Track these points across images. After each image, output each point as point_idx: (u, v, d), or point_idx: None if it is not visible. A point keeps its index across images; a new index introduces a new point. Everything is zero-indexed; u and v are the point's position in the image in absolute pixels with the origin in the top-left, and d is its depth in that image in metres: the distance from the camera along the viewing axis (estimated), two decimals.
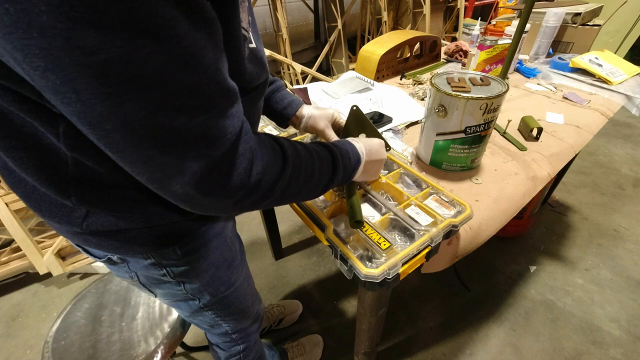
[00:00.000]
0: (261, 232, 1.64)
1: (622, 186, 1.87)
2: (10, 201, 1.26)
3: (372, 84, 1.11)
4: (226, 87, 0.32)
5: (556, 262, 1.45)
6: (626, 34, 2.62)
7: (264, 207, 0.41)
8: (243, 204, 0.37)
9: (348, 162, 0.52)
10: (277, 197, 0.40)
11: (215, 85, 0.30)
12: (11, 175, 0.39)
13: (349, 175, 0.53)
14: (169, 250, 0.48)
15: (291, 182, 0.41)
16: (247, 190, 0.36)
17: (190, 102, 0.28)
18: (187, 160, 0.30)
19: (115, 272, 0.53)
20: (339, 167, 0.49)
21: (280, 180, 0.39)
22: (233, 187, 0.34)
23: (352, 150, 0.53)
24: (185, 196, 0.33)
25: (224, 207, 0.36)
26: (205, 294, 0.59)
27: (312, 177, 0.45)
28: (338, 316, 1.27)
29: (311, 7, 3.01)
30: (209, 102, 0.30)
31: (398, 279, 0.51)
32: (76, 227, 0.41)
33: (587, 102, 1.03)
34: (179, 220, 0.46)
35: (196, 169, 0.31)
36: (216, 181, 0.33)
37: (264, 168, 0.37)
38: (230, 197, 0.35)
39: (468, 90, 0.63)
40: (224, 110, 0.32)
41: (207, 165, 0.31)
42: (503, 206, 0.67)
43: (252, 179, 0.35)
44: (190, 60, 0.27)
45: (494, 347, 1.16)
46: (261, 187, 0.37)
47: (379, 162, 0.59)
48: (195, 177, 0.31)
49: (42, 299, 1.38)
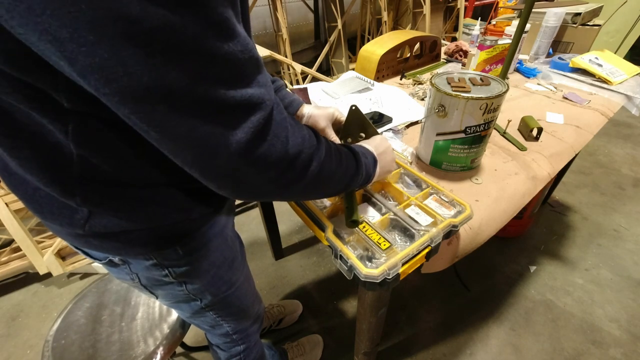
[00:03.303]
0: (261, 232, 1.64)
1: (622, 186, 1.86)
2: (10, 201, 1.26)
3: (372, 84, 1.11)
4: (256, 56, 0.33)
5: (556, 262, 1.45)
6: (626, 34, 2.62)
7: (300, 192, 0.42)
8: (283, 181, 0.37)
9: (367, 161, 0.53)
10: (312, 178, 0.40)
11: (248, 54, 0.31)
12: (12, 177, 0.38)
13: (370, 174, 0.54)
14: (170, 250, 0.48)
15: (325, 162, 0.41)
16: (288, 162, 0.36)
17: (227, 69, 0.29)
18: (231, 129, 0.31)
19: (115, 274, 0.52)
20: (361, 162, 0.50)
21: (316, 156, 0.39)
22: (276, 156, 0.34)
23: (362, 150, 0.54)
24: (231, 171, 0.33)
25: (267, 180, 0.36)
26: (207, 294, 0.58)
27: (341, 164, 0.45)
28: (338, 316, 1.27)
29: (311, 7, 3.01)
30: (244, 70, 0.31)
31: (398, 279, 0.51)
32: (78, 229, 0.40)
33: (587, 102, 1.03)
34: (181, 220, 0.46)
35: (240, 137, 0.31)
36: (260, 150, 0.33)
37: (302, 139, 0.38)
38: (273, 169, 0.35)
39: (468, 90, 0.63)
40: (257, 78, 0.32)
41: (250, 133, 0.31)
42: (503, 206, 0.67)
43: (292, 149, 0.36)
44: (224, 28, 0.28)
45: (494, 347, 1.16)
46: (300, 159, 0.37)
47: (387, 152, 0.59)
48: (239, 146, 0.31)
49: (42, 299, 1.38)
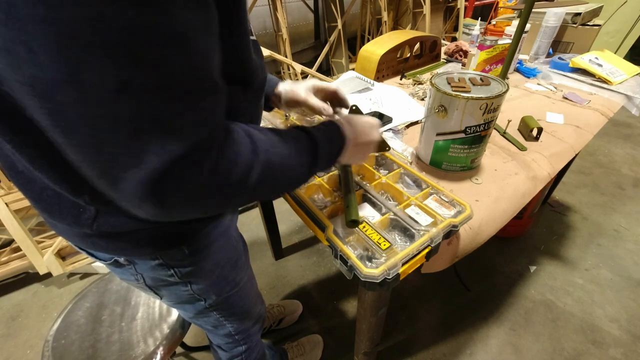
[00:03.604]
0: (261, 232, 1.64)
1: (622, 186, 1.86)
2: (11, 201, 1.26)
3: (372, 84, 1.11)
4: (211, 80, 0.29)
5: (556, 262, 1.45)
6: (626, 34, 2.62)
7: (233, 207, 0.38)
8: (203, 208, 0.34)
9: (331, 149, 0.47)
10: (245, 198, 0.37)
11: (200, 74, 0.28)
12: (19, 176, 0.38)
13: (332, 162, 0.49)
14: (176, 250, 0.48)
15: (263, 180, 0.36)
16: (209, 195, 0.32)
17: (167, 85, 0.26)
18: (148, 153, 0.26)
19: (119, 274, 0.52)
20: (319, 152, 0.45)
21: (250, 180, 0.35)
22: (194, 191, 0.30)
23: (336, 134, 0.49)
24: (136, 197, 0.28)
25: (180, 214, 0.32)
26: (211, 294, 0.59)
27: (288, 170, 0.40)
28: (338, 316, 1.27)
29: (311, 7, 3.01)
30: (190, 92, 0.27)
31: (398, 279, 0.51)
32: (86, 229, 0.40)
33: (587, 102, 1.03)
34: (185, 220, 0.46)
35: (156, 166, 0.27)
36: (176, 183, 0.29)
37: (232, 166, 0.33)
38: (188, 204, 0.31)
39: (468, 90, 0.63)
40: (204, 104, 0.29)
41: (170, 163, 0.27)
42: (503, 206, 0.67)
43: (216, 181, 0.31)
44: (177, 37, 0.24)
45: (494, 347, 1.16)
46: (225, 190, 0.33)
47: (367, 144, 0.54)
48: (153, 174, 0.27)
49: (42, 299, 1.38)
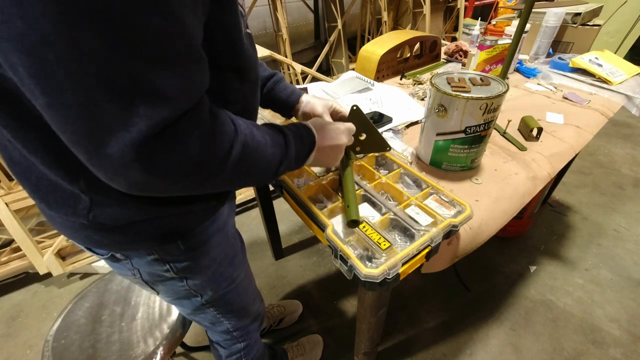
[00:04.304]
0: (261, 232, 1.64)
1: (622, 186, 1.86)
2: (11, 201, 1.26)
3: (372, 84, 1.11)
4: (195, 49, 0.30)
5: (556, 262, 1.45)
6: (626, 34, 2.62)
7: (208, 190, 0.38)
8: (185, 183, 0.34)
9: (301, 147, 0.49)
10: (223, 179, 0.37)
11: (184, 42, 0.28)
12: (17, 166, 0.39)
13: (301, 161, 0.51)
14: (172, 245, 0.49)
15: (241, 162, 0.37)
16: (193, 166, 0.33)
17: (152, 49, 0.26)
18: (135, 115, 0.27)
19: (117, 269, 0.53)
20: (290, 150, 0.47)
21: (229, 160, 0.36)
22: (179, 159, 0.31)
23: (306, 134, 0.51)
24: (121, 162, 0.28)
25: (165, 184, 0.33)
26: (208, 290, 0.59)
27: (263, 158, 0.42)
28: (338, 316, 1.27)
29: (311, 7, 3.01)
30: (173, 58, 0.28)
31: (398, 279, 0.51)
32: (82, 219, 0.41)
33: (587, 102, 1.03)
34: (184, 211, 0.46)
35: (143, 128, 0.27)
36: (162, 148, 0.30)
37: (214, 141, 0.34)
38: (173, 174, 0.32)
39: (468, 90, 0.63)
40: (188, 71, 0.30)
41: (156, 126, 0.28)
42: (503, 206, 0.67)
43: (200, 153, 0.32)
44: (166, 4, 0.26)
45: (494, 347, 1.16)
46: (208, 164, 0.34)
47: (334, 148, 0.56)
48: (139, 137, 0.27)
49: (42, 299, 1.38)
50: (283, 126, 0.48)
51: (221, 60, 0.40)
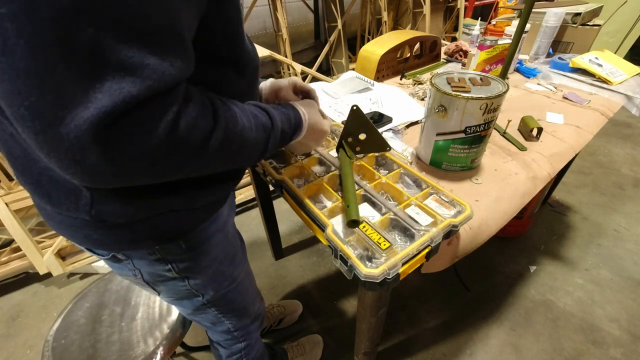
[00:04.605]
0: (261, 232, 1.64)
1: (622, 186, 1.86)
2: (11, 201, 1.26)
3: (372, 84, 1.11)
4: (179, 31, 0.29)
5: (556, 262, 1.45)
6: (626, 34, 2.62)
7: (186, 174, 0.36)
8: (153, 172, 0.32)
9: (287, 128, 0.50)
10: (205, 161, 0.36)
11: (168, 19, 0.27)
12: (17, 161, 0.38)
13: (286, 141, 0.52)
14: (173, 245, 0.49)
15: (221, 145, 0.36)
16: (162, 153, 0.30)
17: (129, 21, 0.24)
18: (97, 89, 0.24)
19: (118, 270, 0.53)
20: (276, 130, 0.46)
21: (208, 142, 0.34)
22: (146, 146, 0.28)
23: (295, 115, 0.52)
24: (77, 144, 0.25)
25: (125, 174, 0.30)
26: (209, 290, 0.59)
27: (246, 142, 0.40)
28: (338, 316, 1.27)
29: (311, 7, 3.01)
30: (154, 34, 0.26)
31: (398, 279, 0.51)
32: (84, 214, 0.40)
33: (587, 102, 1.03)
34: (185, 208, 0.46)
35: (105, 104, 0.24)
36: (127, 131, 0.27)
37: (191, 127, 0.31)
38: (136, 160, 0.29)
39: (468, 90, 0.63)
40: (168, 52, 0.28)
41: (120, 104, 0.25)
42: (503, 206, 0.67)
43: (173, 137, 0.30)
44: None
45: (494, 347, 1.16)
46: (181, 150, 0.32)
47: (320, 132, 0.58)
48: (100, 114, 0.24)
49: (42, 299, 1.38)
50: (269, 106, 0.48)
51: (219, 53, 0.40)
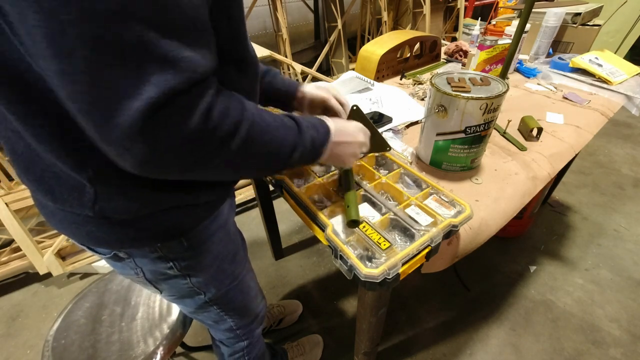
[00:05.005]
0: (261, 232, 1.64)
1: (622, 186, 1.86)
2: (11, 201, 1.26)
3: (372, 84, 1.11)
4: (205, 24, 0.31)
5: (556, 262, 1.45)
6: (626, 34, 2.62)
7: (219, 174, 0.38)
8: (192, 159, 0.33)
9: (315, 134, 0.47)
10: (232, 158, 0.37)
11: (196, 14, 0.29)
12: (20, 158, 0.39)
13: (317, 148, 0.48)
14: (175, 242, 0.49)
15: (249, 139, 0.37)
16: (201, 141, 0.32)
17: (166, 18, 0.27)
18: (145, 82, 0.27)
19: (119, 269, 0.53)
20: (305, 134, 0.45)
21: (237, 134, 0.35)
22: (187, 131, 0.31)
23: (320, 124, 0.50)
24: (130, 132, 0.28)
25: (171, 158, 0.32)
26: (211, 287, 0.59)
27: (275, 138, 0.41)
28: (338, 316, 1.27)
29: (311, 7, 3.01)
30: (186, 29, 0.29)
31: (398, 279, 0.51)
32: (88, 210, 0.40)
33: (587, 102, 1.03)
34: (187, 204, 0.46)
35: (152, 95, 0.27)
36: (170, 118, 0.29)
37: (223, 116, 0.33)
38: (179, 146, 0.32)
39: (468, 90, 0.63)
40: (198, 44, 0.31)
41: (164, 95, 0.28)
42: (503, 206, 0.67)
43: (208, 125, 0.32)
44: None
45: (494, 347, 1.16)
46: (216, 138, 0.33)
47: (352, 144, 0.54)
48: (148, 105, 0.28)
49: (42, 299, 1.38)
50: (296, 115, 0.47)
51: (222, 51, 0.40)
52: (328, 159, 0.52)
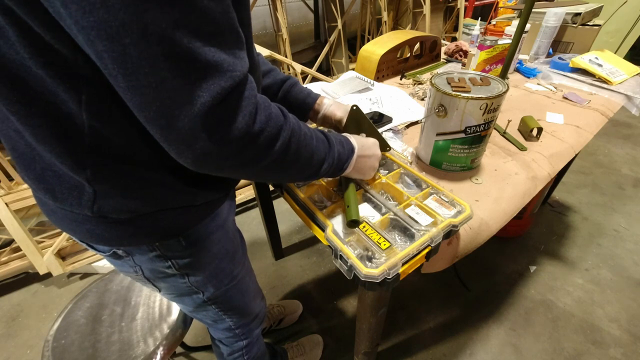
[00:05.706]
0: (261, 232, 1.64)
1: (622, 186, 1.87)
2: (10, 201, 1.26)
3: (372, 84, 1.11)
4: (236, 27, 0.33)
5: (556, 262, 1.45)
6: (626, 34, 2.62)
7: (263, 171, 0.41)
8: (243, 156, 0.37)
9: (342, 150, 0.53)
10: (276, 158, 0.40)
11: (228, 20, 0.32)
12: (21, 157, 0.39)
13: (343, 163, 0.54)
14: (173, 241, 0.49)
15: (291, 142, 0.41)
16: (250, 138, 0.36)
17: (205, 26, 0.30)
18: (198, 88, 0.31)
19: (119, 267, 0.53)
20: (333, 149, 0.50)
21: (281, 136, 0.39)
22: (238, 128, 0.34)
23: (345, 140, 0.55)
24: (190, 133, 0.32)
25: (226, 154, 0.36)
26: (209, 287, 0.59)
27: (309, 146, 0.45)
28: (338, 316, 1.27)
29: (311, 7, 3.01)
30: (221, 34, 0.31)
31: (398, 279, 0.51)
32: (87, 210, 0.41)
33: (587, 102, 1.03)
34: (186, 204, 0.47)
35: (206, 99, 0.31)
36: (223, 117, 0.33)
37: (267, 117, 0.37)
38: (233, 142, 0.35)
39: (468, 90, 0.63)
40: (233, 47, 0.33)
41: (216, 97, 0.31)
42: (503, 206, 0.67)
43: (256, 125, 0.36)
44: None
45: (494, 347, 1.16)
46: (263, 137, 0.37)
47: (372, 158, 0.60)
48: (204, 108, 0.31)
49: (42, 299, 1.38)
50: (322, 130, 0.52)
51: None
52: (350, 173, 0.58)
